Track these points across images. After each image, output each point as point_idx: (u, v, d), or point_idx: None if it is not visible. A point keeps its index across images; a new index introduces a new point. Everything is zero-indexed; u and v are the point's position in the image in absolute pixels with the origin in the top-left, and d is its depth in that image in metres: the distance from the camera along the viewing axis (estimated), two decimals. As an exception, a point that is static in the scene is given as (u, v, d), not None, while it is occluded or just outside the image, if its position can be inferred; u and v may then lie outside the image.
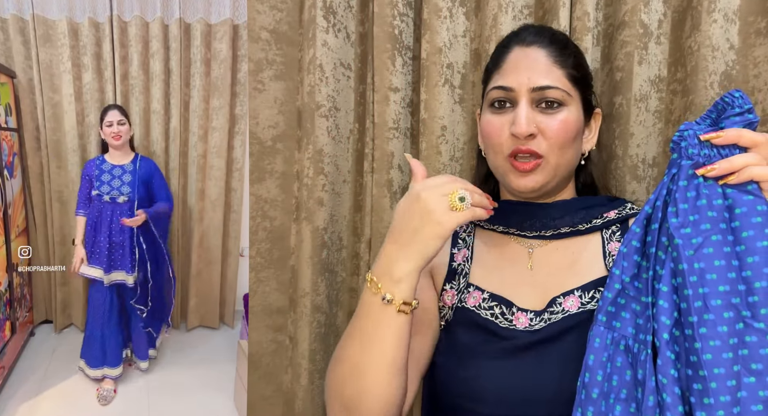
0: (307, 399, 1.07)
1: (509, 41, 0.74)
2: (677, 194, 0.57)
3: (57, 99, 3.08)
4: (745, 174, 0.54)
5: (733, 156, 0.55)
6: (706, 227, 0.55)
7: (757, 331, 0.51)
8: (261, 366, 1.10)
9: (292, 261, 1.08)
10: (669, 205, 0.57)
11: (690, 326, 0.52)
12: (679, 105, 0.90)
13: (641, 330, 0.57)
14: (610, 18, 0.93)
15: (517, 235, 0.77)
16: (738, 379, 0.51)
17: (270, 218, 1.06)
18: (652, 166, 0.93)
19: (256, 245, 1.06)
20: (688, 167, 0.57)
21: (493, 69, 0.74)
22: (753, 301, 0.52)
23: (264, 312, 1.08)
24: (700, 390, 0.51)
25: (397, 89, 1.02)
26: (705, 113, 0.59)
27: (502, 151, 0.70)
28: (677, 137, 0.58)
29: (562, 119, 0.68)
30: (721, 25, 0.84)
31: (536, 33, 0.72)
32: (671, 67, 0.91)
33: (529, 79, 0.68)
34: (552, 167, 0.70)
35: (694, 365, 0.52)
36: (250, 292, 1.07)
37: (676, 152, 0.59)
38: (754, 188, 0.54)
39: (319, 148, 1.02)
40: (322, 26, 0.99)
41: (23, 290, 3.04)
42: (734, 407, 0.50)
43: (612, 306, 0.60)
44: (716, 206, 0.55)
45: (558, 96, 0.68)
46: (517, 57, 0.71)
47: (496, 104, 0.71)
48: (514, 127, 0.67)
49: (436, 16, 0.97)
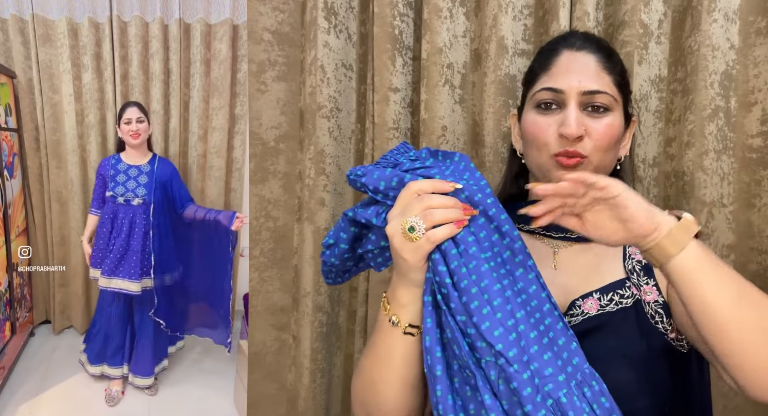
0: (309, 397, 1.07)
1: (557, 45, 0.74)
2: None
3: (57, 99, 3.08)
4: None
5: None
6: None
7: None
8: (264, 365, 1.10)
9: (294, 261, 1.08)
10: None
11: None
12: (679, 105, 0.90)
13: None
14: (610, 18, 0.93)
15: (543, 235, 0.78)
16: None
17: (273, 219, 1.06)
18: (652, 166, 0.94)
19: (259, 245, 1.06)
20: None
21: (540, 71, 0.74)
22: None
23: (267, 312, 1.08)
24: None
25: (397, 89, 1.02)
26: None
27: (548, 150, 0.71)
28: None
29: (608, 123, 0.69)
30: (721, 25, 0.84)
31: (584, 38, 0.73)
32: (671, 66, 0.91)
33: (579, 83, 0.69)
34: (593, 168, 0.71)
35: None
36: (253, 291, 1.07)
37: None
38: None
39: (321, 148, 1.02)
40: (324, 27, 1.00)
41: (23, 291, 3.04)
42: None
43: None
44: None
45: (606, 101, 0.69)
46: (568, 60, 0.71)
47: (543, 105, 0.72)
48: (564, 128, 0.68)
49: (436, 17, 0.97)
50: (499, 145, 0.98)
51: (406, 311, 0.64)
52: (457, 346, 0.57)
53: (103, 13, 3.06)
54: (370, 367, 0.68)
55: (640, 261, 0.72)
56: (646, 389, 0.66)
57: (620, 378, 0.65)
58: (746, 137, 0.89)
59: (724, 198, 0.90)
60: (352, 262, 0.71)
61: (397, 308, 0.65)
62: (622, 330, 0.68)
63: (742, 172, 0.90)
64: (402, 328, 0.64)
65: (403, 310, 0.64)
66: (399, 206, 0.60)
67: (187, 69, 3.20)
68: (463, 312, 0.57)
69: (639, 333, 0.68)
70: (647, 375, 0.66)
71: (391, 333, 0.65)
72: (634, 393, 0.65)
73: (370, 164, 0.67)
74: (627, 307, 0.69)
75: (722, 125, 0.88)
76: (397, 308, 0.64)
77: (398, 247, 0.60)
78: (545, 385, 0.56)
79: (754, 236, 0.90)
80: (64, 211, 3.17)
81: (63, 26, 3.00)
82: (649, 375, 0.66)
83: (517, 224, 0.79)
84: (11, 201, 2.84)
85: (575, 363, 0.60)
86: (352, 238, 0.68)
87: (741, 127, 0.89)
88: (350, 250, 0.69)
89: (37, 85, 3.05)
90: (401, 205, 0.60)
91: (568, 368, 0.59)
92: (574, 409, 0.56)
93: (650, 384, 0.66)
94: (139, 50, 3.10)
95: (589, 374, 0.61)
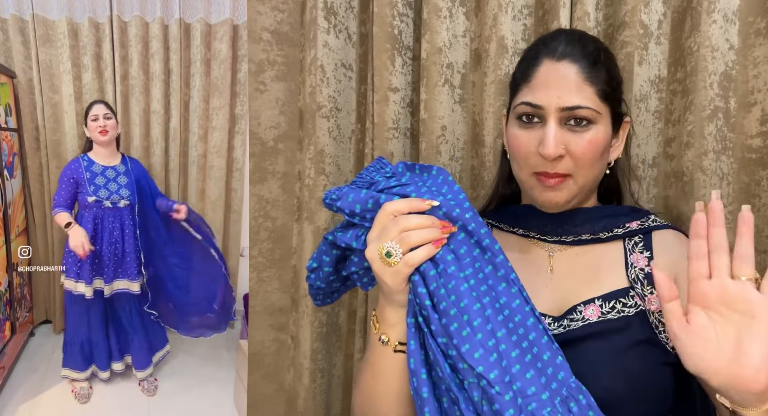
0: (308, 398, 1.07)
1: (538, 52, 0.70)
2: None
3: (57, 99, 3.08)
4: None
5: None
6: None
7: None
8: (263, 366, 1.10)
9: (293, 261, 1.08)
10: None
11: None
12: (679, 105, 0.90)
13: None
14: (610, 18, 0.93)
15: (538, 239, 0.77)
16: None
17: (272, 219, 1.06)
18: (652, 166, 0.94)
19: (258, 245, 1.06)
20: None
21: (521, 81, 0.71)
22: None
23: (266, 312, 1.08)
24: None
25: (397, 89, 1.02)
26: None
27: (529, 167, 0.69)
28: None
29: (590, 138, 0.67)
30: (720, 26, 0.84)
31: (567, 42, 0.68)
32: (671, 67, 0.91)
33: (558, 98, 0.66)
34: (578, 185, 0.69)
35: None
36: (252, 292, 1.07)
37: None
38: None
39: (321, 148, 1.02)
40: (323, 27, 1.00)
41: (23, 291, 3.04)
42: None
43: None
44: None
45: (587, 115, 0.67)
46: (547, 72, 0.68)
47: (525, 117, 0.70)
48: (543, 148, 0.66)
49: (436, 16, 0.97)
50: (499, 145, 0.98)
51: (394, 330, 0.64)
52: (439, 368, 0.57)
53: (103, 13, 3.06)
54: (367, 383, 0.69)
55: (643, 270, 0.70)
56: (645, 396, 0.65)
57: (617, 384, 0.64)
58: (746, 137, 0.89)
59: (724, 198, 0.90)
60: (339, 282, 0.71)
61: (385, 328, 0.65)
62: (622, 337, 0.66)
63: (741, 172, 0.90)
64: (392, 346, 0.65)
65: (391, 329, 0.65)
66: (376, 229, 0.60)
67: (187, 69, 3.20)
68: (443, 334, 0.56)
69: (640, 341, 0.66)
70: (646, 382, 0.65)
71: (383, 351, 0.66)
72: (631, 399, 0.64)
73: (345, 185, 0.67)
74: (629, 316, 0.67)
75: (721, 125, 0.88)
76: (386, 328, 0.65)
77: (378, 271, 0.60)
78: (528, 404, 0.56)
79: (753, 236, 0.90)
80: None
81: (63, 26, 3.00)
82: (650, 383, 0.65)
83: (512, 226, 0.79)
84: (11, 201, 2.84)
85: (561, 378, 0.59)
86: (336, 260, 0.68)
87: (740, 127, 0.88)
88: (335, 272, 0.69)
89: (37, 85, 3.05)
90: (378, 228, 0.60)
91: (553, 384, 0.58)
92: None
93: (648, 392, 0.65)
94: (140, 50, 3.10)
95: (576, 388, 0.60)
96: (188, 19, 3.16)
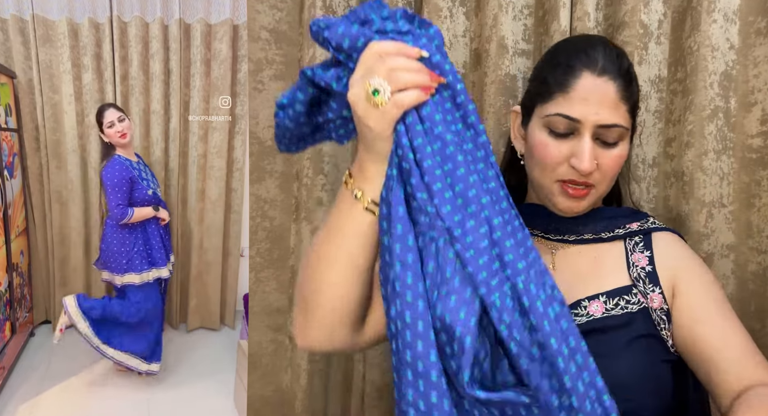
0: (306, 399, 1.07)
1: (577, 62, 0.68)
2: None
3: (57, 99, 3.08)
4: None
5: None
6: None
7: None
8: (261, 366, 1.10)
9: (291, 261, 1.08)
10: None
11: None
12: (679, 105, 0.90)
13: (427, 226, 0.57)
14: (610, 18, 0.93)
15: (541, 237, 0.78)
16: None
17: (270, 218, 1.06)
18: (652, 166, 0.94)
19: (256, 245, 1.06)
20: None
21: (556, 89, 0.69)
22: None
23: (264, 312, 1.08)
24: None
25: (397, 89, 1.02)
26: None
27: (555, 174, 0.70)
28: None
29: (619, 153, 0.69)
30: (720, 25, 0.84)
31: (605, 56, 0.68)
32: (671, 67, 0.91)
33: (596, 115, 0.66)
34: (599, 194, 0.71)
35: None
36: (250, 292, 1.07)
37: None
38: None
39: (319, 148, 1.02)
40: (322, 26, 0.99)
41: (23, 291, 3.04)
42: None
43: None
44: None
45: (620, 133, 0.68)
46: (588, 87, 0.66)
47: (557, 128, 0.69)
48: (578, 162, 0.67)
49: (436, 16, 0.97)
50: (499, 145, 0.97)
51: (371, 185, 0.59)
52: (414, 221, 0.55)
53: (103, 13, 3.07)
54: (323, 244, 0.63)
55: (644, 268, 0.72)
56: (647, 387, 0.67)
57: (622, 373, 0.65)
58: (746, 137, 0.88)
59: (724, 198, 0.90)
60: (309, 128, 0.64)
61: (361, 182, 0.60)
62: (625, 333, 0.69)
63: (741, 172, 0.89)
64: (364, 203, 0.59)
65: (367, 184, 0.59)
66: (361, 69, 0.53)
67: (187, 69, 3.20)
68: (423, 189, 0.54)
69: (642, 336, 0.69)
70: (648, 374, 0.67)
71: (351, 208, 0.60)
72: (634, 389, 0.66)
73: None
74: (633, 312, 0.70)
75: (722, 125, 0.88)
76: (362, 182, 0.59)
77: (362, 114, 0.54)
78: (504, 270, 0.55)
79: (753, 236, 0.90)
80: (64, 211, 3.17)
81: (63, 26, 3.00)
82: (651, 375, 0.68)
83: None
84: (11, 201, 2.84)
85: (531, 258, 0.58)
86: (309, 101, 0.61)
87: (741, 127, 0.88)
88: (306, 114, 0.61)
89: (37, 86, 3.05)
90: (363, 67, 0.53)
91: (530, 255, 0.58)
92: (529, 295, 0.55)
93: (651, 383, 0.67)
94: (140, 50, 3.10)
95: (545, 270, 0.59)
96: (188, 19, 3.16)
